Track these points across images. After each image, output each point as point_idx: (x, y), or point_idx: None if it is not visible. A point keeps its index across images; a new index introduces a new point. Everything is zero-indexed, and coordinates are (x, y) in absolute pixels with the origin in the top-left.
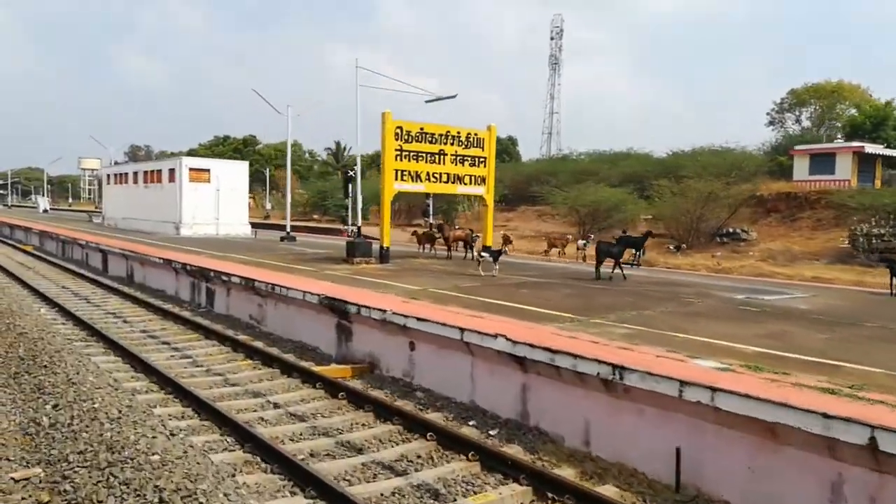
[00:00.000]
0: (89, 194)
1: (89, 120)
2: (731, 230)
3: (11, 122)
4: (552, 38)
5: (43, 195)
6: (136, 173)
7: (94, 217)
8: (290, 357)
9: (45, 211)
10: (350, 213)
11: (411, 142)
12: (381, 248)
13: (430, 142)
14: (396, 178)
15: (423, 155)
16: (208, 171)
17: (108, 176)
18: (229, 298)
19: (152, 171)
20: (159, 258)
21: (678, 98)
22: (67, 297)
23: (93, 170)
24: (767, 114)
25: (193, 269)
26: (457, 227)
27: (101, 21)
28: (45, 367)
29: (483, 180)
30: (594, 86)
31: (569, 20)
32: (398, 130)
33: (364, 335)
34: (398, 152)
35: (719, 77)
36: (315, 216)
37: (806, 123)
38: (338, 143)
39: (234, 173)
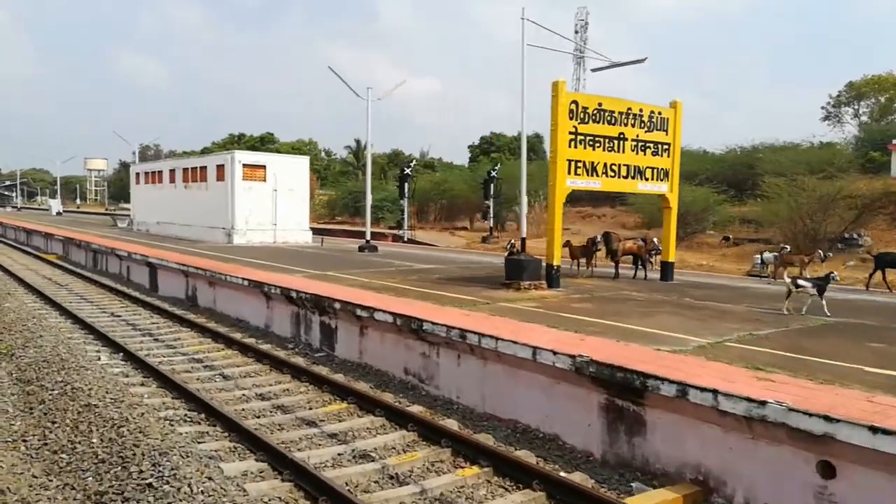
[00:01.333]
0: (96, 195)
1: (92, 120)
2: (846, 235)
3: (14, 122)
4: (576, 32)
5: (55, 196)
6: (173, 171)
7: (118, 220)
8: (519, 455)
9: (59, 213)
10: (405, 216)
11: (588, 122)
12: (550, 267)
13: (609, 122)
14: (569, 172)
15: (601, 140)
16: (264, 167)
17: (138, 175)
18: (365, 341)
19: (195, 169)
20: (242, 279)
21: (682, 94)
22: (126, 332)
23: (99, 170)
24: (822, 108)
25: (304, 298)
26: (623, 238)
27: (101, 21)
28: (152, 485)
29: (666, 174)
30: (604, 85)
31: (572, 18)
32: (573, 107)
33: (677, 431)
34: (572, 136)
35: (720, 73)
36: (340, 218)
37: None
38: (358, 142)
39: (293, 170)
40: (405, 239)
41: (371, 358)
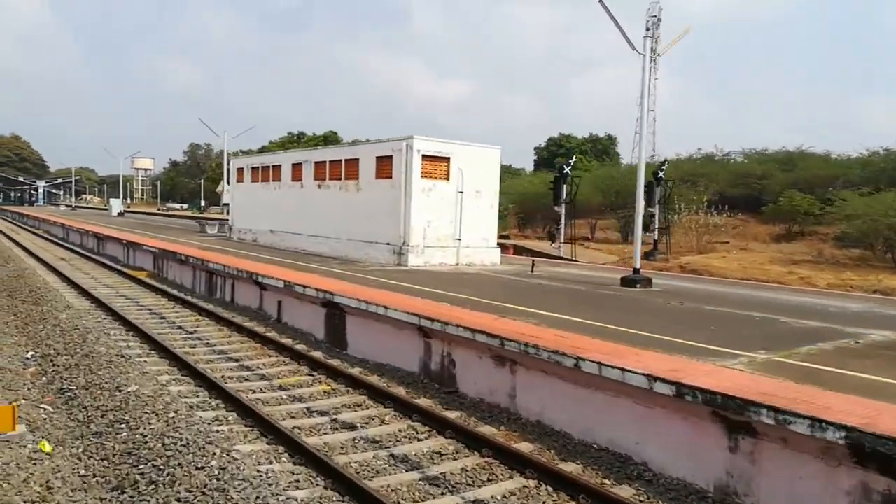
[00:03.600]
0: (142, 194)
1: (131, 120)
2: None
3: (56, 121)
4: (647, 29)
5: (98, 194)
6: (298, 166)
7: (207, 226)
8: None
9: (121, 214)
10: (562, 226)
11: None
12: None
13: None
14: None
15: None
16: (447, 160)
17: (241, 170)
18: None
19: (337, 163)
20: (575, 360)
21: (707, 98)
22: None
23: (146, 169)
24: None
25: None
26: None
27: (140, 24)
28: None
29: None
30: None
31: (599, 25)
32: None
33: None
34: None
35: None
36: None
37: None
38: None
39: (482, 165)
40: (559, 254)
41: None
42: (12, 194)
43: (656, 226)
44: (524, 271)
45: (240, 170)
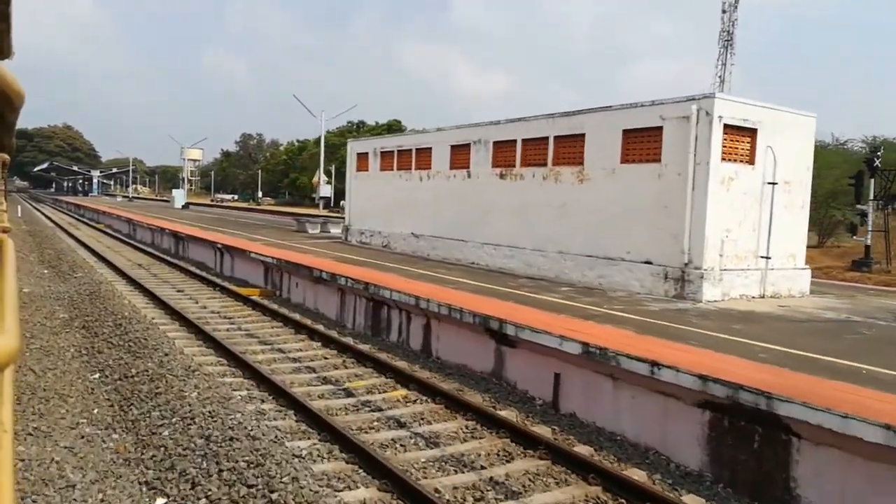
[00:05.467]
0: (191, 185)
1: (179, 112)
2: None
3: (109, 112)
4: (724, 12)
5: (181, 187)
6: (462, 149)
7: (308, 225)
8: None
9: (186, 207)
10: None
11: None
12: None
13: None
14: None
15: None
16: (752, 133)
17: (365, 155)
18: None
19: (546, 141)
20: None
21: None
22: None
23: (196, 160)
24: None
25: None
26: None
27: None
28: None
29: None
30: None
31: (646, 15)
32: None
33: None
34: None
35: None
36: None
37: None
38: None
39: (792, 143)
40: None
41: None
42: (66, 184)
43: (870, 228)
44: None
45: (362, 155)
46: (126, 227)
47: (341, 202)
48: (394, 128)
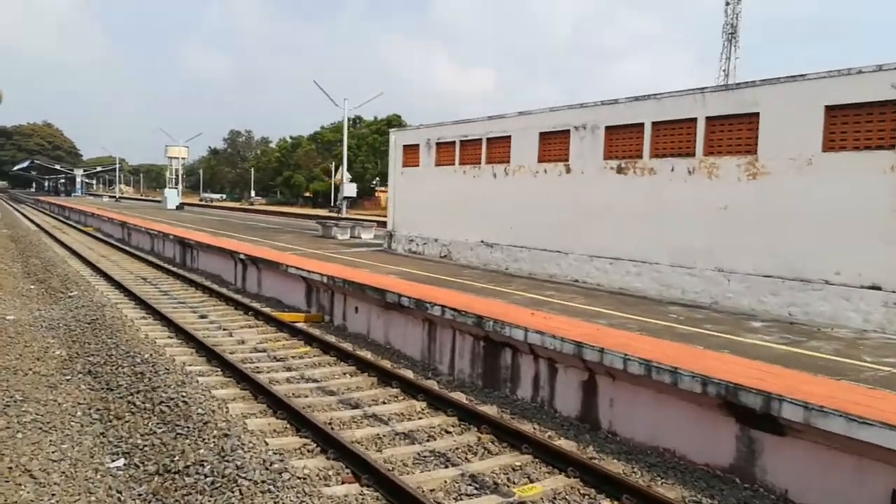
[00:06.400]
0: (176, 184)
1: (160, 109)
2: None
3: (84, 108)
4: (727, 4)
5: (168, 186)
6: (559, 137)
7: (338, 231)
8: None
9: (180, 207)
10: None
11: None
12: None
13: None
14: None
15: None
16: None
17: (415, 148)
18: None
19: (693, 123)
20: None
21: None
22: None
23: (181, 158)
24: None
25: None
26: None
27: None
28: None
29: None
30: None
31: (624, 13)
32: None
33: None
34: None
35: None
36: None
37: None
38: None
39: None
40: None
41: None
42: (46, 184)
43: None
44: None
45: (409, 148)
46: (119, 230)
47: (337, 203)
48: (393, 123)
